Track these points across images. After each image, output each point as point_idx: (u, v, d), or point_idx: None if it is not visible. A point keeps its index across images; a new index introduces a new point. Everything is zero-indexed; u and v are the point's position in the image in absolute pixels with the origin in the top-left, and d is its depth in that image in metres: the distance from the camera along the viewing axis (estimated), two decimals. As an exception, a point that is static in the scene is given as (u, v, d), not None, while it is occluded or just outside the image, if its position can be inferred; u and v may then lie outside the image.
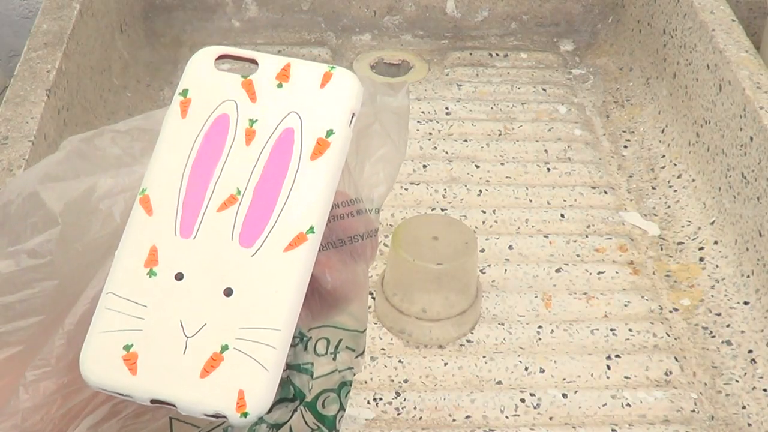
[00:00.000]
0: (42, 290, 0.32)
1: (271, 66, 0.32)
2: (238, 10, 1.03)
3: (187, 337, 0.29)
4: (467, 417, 0.64)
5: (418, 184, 0.83)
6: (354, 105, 0.31)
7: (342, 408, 0.35)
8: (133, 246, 0.30)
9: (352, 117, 0.31)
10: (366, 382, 0.66)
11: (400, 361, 0.67)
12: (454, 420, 0.63)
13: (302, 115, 0.31)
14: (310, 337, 0.32)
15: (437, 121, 0.92)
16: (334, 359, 0.34)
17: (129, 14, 0.97)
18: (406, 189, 0.83)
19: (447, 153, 0.88)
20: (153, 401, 0.29)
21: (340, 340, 0.33)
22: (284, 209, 0.30)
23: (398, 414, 0.64)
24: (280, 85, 0.32)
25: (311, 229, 0.30)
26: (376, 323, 0.70)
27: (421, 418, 0.63)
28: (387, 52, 1.03)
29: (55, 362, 0.30)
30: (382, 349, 0.68)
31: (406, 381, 0.66)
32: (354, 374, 0.35)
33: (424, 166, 0.86)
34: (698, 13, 0.86)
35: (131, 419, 0.31)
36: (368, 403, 0.64)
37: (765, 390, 0.66)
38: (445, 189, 0.83)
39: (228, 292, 0.29)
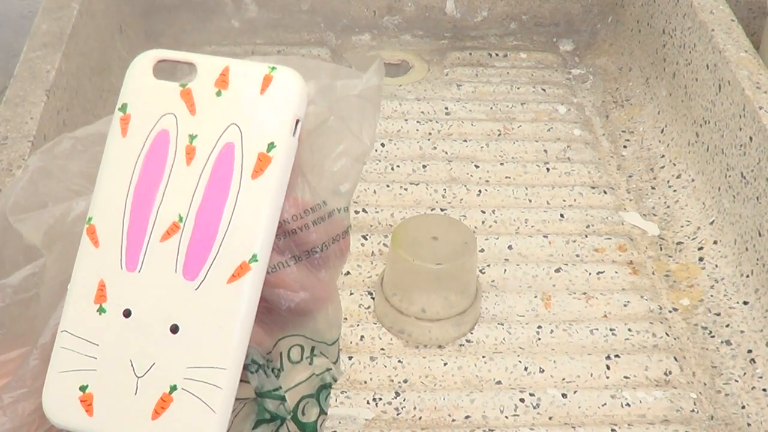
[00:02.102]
0: (27, 321, 0.32)
1: (210, 71, 0.31)
2: (237, 11, 1.03)
3: (138, 377, 0.29)
4: (467, 417, 0.64)
5: (417, 184, 0.83)
6: (297, 110, 0.30)
7: (323, 412, 0.35)
8: (83, 280, 0.31)
9: (297, 124, 0.30)
10: (366, 382, 0.66)
11: (399, 361, 0.67)
12: (453, 420, 0.63)
13: (242, 128, 0.30)
14: (269, 362, 0.32)
15: (437, 121, 0.92)
16: (311, 363, 0.33)
17: (129, 14, 0.97)
18: (405, 189, 0.83)
19: (446, 153, 0.88)
20: None
21: (314, 347, 0.33)
22: (226, 236, 0.30)
23: (398, 414, 0.64)
24: (219, 93, 0.31)
25: (254, 258, 0.29)
26: (375, 323, 0.70)
27: (420, 418, 0.63)
28: (386, 52, 1.03)
29: (30, 383, 0.31)
30: (382, 349, 0.68)
31: (405, 381, 0.66)
32: (334, 378, 0.35)
33: (424, 166, 0.86)
34: (698, 13, 0.86)
35: None
36: (368, 403, 0.64)
37: (764, 390, 0.66)
38: (444, 189, 0.83)
39: (174, 329, 0.29)
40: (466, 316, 0.69)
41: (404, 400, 0.64)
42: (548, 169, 0.86)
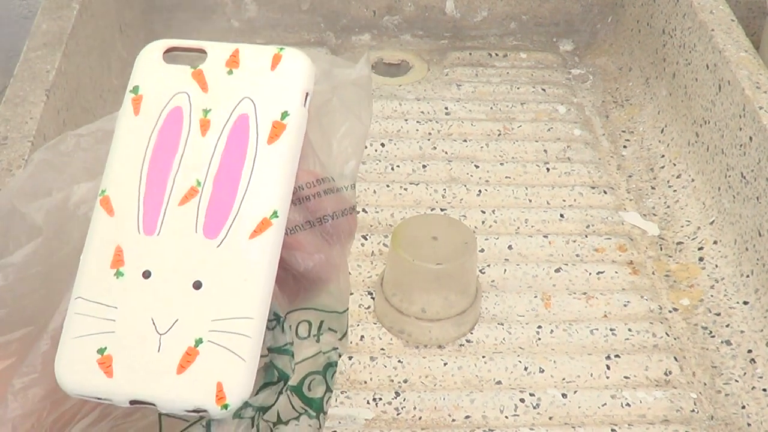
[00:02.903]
0: (31, 301, 0.32)
1: (220, 54, 0.32)
2: (237, 11, 1.03)
3: (160, 335, 0.29)
4: (467, 417, 0.64)
5: (417, 184, 0.83)
6: (307, 84, 0.31)
7: (329, 389, 0.35)
8: (98, 248, 0.30)
9: (306, 96, 0.31)
10: (366, 382, 0.66)
11: (399, 361, 0.67)
12: (453, 420, 0.63)
13: (255, 100, 0.31)
14: (285, 318, 0.32)
15: (437, 121, 0.92)
16: (318, 341, 0.33)
17: (128, 14, 0.97)
18: (405, 189, 0.83)
19: (446, 153, 0.88)
20: (132, 402, 0.28)
21: (322, 322, 0.33)
22: (246, 196, 0.30)
23: (398, 414, 0.64)
24: (230, 72, 0.31)
25: (275, 214, 0.30)
26: (375, 323, 0.70)
27: (420, 418, 0.63)
28: (386, 52, 1.03)
29: (41, 368, 0.30)
30: (382, 349, 0.68)
31: (405, 381, 0.66)
32: (339, 355, 0.35)
33: (424, 166, 0.86)
34: (697, 12, 0.86)
35: (121, 419, 0.31)
36: (368, 403, 0.64)
37: (764, 390, 0.66)
38: (444, 189, 0.83)
39: (197, 285, 0.29)
40: (466, 316, 0.69)
41: (404, 400, 0.64)
42: (548, 169, 0.86)
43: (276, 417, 0.32)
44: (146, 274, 0.30)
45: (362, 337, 0.69)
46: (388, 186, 0.83)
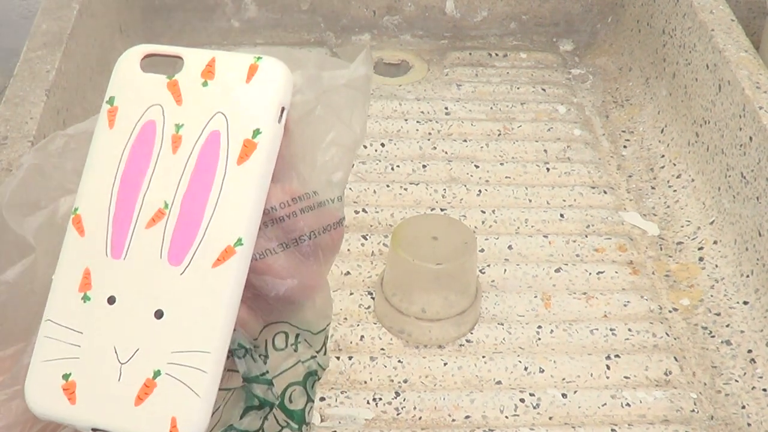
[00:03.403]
0: (23, 318, 0.32)
1: (197, 62, 0.31)
2: (237, 11, 1.03)
3: (121, 364, 0.29)
4: (467, 417, 0.64)
5: (417, 184, 0.83)
6: (282, 98, 0.31)
7: (310, 399, 0.34)
8: (68, 269, 0.31)
9: (282, 111, 0.30)
10: (366, 382, 0.66)
11: (399, 361, 0.67)
12: (453, 420, 0.63)
13: (228, 115, 0.30)
14: (256, 347, 0.32)
15: (437, 121, 0.92)
16: (296, 350, 0.33)
17: (128, 15, 0.97)
18: (405, 189, 0.83)
19: (446, 153, 0.88)
20: (93, 430, 0.29)
21: (298, 334, 0.33)
22: (212, 221, 0.30)
23: (398, 414, 0.64)
24: (205, 83, 0.31)
25: (239, 241, 0.29)
26: (375, 323, 0.70)
27: (420, 418, 0.63)
28: (386, 52, 1.03)
29: (24, 380, 0.31)
30: (382, 349, 0.68)
31: (405, 381, 0.66)
32: (319, 365, 0.35)
33: (424, 166, 0.86)
34: (697, 12, 0.86)
35: None
36: (368, 403, 0.64)
37: (764, 390, 0.66)
38: (444, 189, 0.83)
39: (159, 315, 0.29)
40: (466, 316, 0.69)
41: (404, 400, 0.64)
42: (548, 169, 0.86)
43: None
44: (111, 300, 0.30)
45: (362, 337, 0.69)
46: (388, 186, 0.83)
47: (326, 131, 0.34)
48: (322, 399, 0.64)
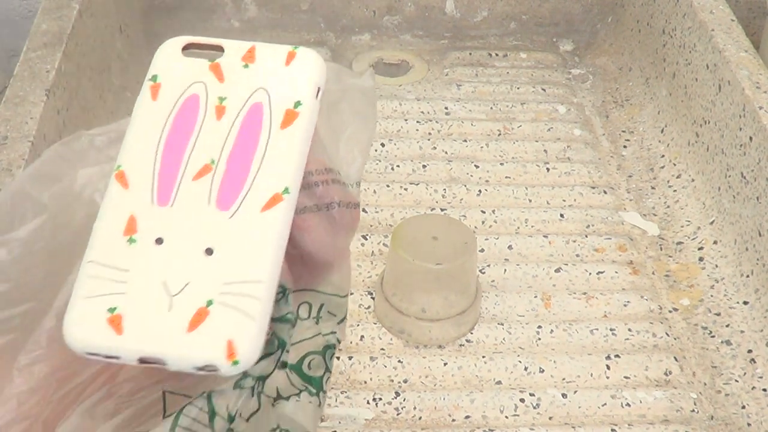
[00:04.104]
0: (34, 277, 0.32)
1: (237, 50, 0.33)
2: (237, 11, 1.03)
3: (172, 296, 0.29)
4: (467, 417, 0.64)
5: (417, 184, 0.83)
6: (319, 79, 0.33)
7: (328, 370, 0.35)
8: (111, 216, 0.31)
9: (318, 91, 0.32)
10: (365, 382, 0.66)
11: (399, 361, 0.67)
12: (453, 420, 0.63)
13: (270, 90, 0.32)
14: (292, 290, 0.32)
15: (436, 121, 0.92)
16: (317, 323, 0.34)
17: (128, 14, 0.97)
18: (405, 189, 0.83)
19: (446, 153, 0.88)
20: (141, 360, 0.28)
21: (322, 305, 0.34)
22: (258, 174, 0.31)
23: (398, 414, 0.64)
24: (246, 66, 0.33)
25: (286, 190, 0.31)
26: (375, 323, 0.70)
27: (420, 418, 0.63)
28: (386, 52, 1.03)
29: (46, 344, 0.31)
30: (382, 349, 0.68)
31: (405, 381, 0.66)
32: (338, 339, 0.35)
33: (424, 166, 0.86)
34: (697, 12, 0.86)
35: (126, 397, 0.31)
36: (368, 403, 0.64)
37: (765, 390, 0.66)
38: (444, 189, 0.83)
39: (209, 252, 0.30)
40: (466, 316, 0.69)
41: (404, 400, 0.64)
42: (548, 169, 0.86)
43: (276, 393, 0.33)
44: (159, 241, 0.30)
45: (362, 337, 0.69)
46: (388, 186, 0.83)
47: (349, 123, 0.36)
48: (322, 399, 0.64)
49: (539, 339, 0.70)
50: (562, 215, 0.81)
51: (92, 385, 0.31)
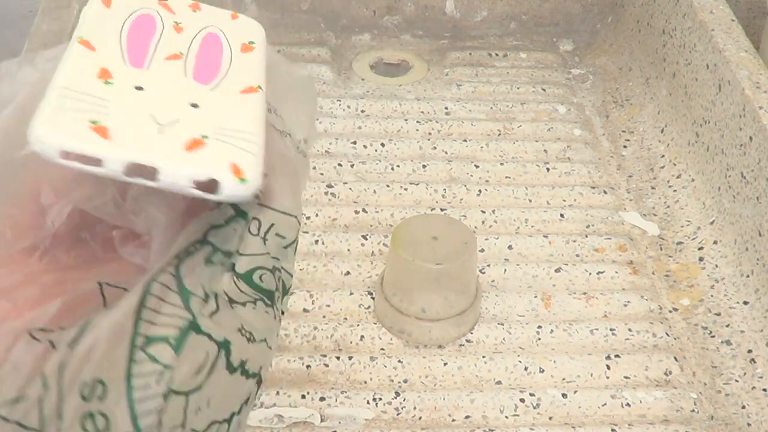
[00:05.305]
0: None
1: (183, 1, 0.33)
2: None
3: (162, 125, 0.26)
4: (467, 417, 0.64)
5: (417, 184, 0.83)
6: (263, 36, 0.33)
7: (279, 290, 0.32)
8: (78, 68, 0.27)
9: (263, 46, 0.33)
10: (366, 382, 0.66)
11: (399, 361, 0.67)
12: (453, 420, 0.63)
13: (223, 29, 0.32)
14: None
15: (436, 121, 0.92)
16: (264, 244, 0.31)
17: (128, 14, 0.97)
18: (405, 189, 0.83)
19: (446, 153, 0.88)
20: (128, 169, 0.24)
21: (272, 225, 0.31)
22: (228, 73, 0.30)
23: (398, 414, 0.64)
24: (194, 11, 0.33)
25: (260, 87, 0.30)
26: (375, 323, 0.70)
27: (420, 418, 0.63)
28: (386, 52, 1.03)
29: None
30: (382, 349, 0.68)
31: (405, 381, 0.66)
32: (286, 271, 0.32)
33: (424, 166, 0.86)
34: (698, 12, 0.86)
35: (51, 287, 0.28)
36: (368, 403, 0.64)
37: (765, 390, 0.66)
38: (444, 189, 0.83)
39: (194, 106, 0.28)
40: (466, 316, 0.69)
41: (404, 400, 0.64)
42: (548, 169, 0.86)
43: (226, 296, 0.30)
44: (139, 88, 0.27)
45: (362, 337, 0.69)
46: (388, 186, 0.83)
47: (289, 89, 0.35)
48: (322, 399, 0.64)
49: (539, 339, 0.70)
50: (562, 215, 0.81)
51: (7, 267, 0.27)
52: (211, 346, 0.26)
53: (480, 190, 0.83)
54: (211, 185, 0.25)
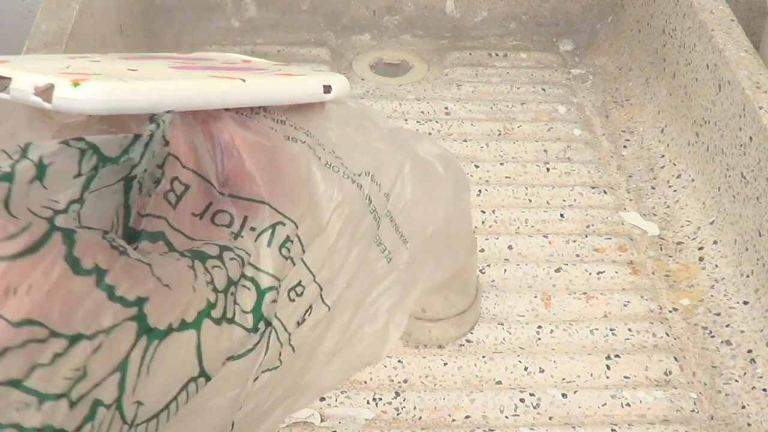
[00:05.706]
0: None
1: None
2: (237, 11, 1.03)
3: (71, 68, 0.27)
4: (467, 417, 0.64)
5: (417, 184, 0.83)
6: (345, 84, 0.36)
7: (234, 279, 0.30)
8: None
9: (330, 89, 0.35)
10: (366, 382, 0.66)
11: (399, 361, 0.67)
12: (453, 420, 0.63)
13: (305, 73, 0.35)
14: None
15: (437, 121, 0.92)
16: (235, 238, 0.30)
17: (129, 15, 0.97)
18: (405, 189, 0.83)
19: (446, 153, 0.88)
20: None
21: (245, 220, 0.30)
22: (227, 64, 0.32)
23: (398, 414, 0.64)
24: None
25: (242, 80, 0.31)
26: (375, 323, 0.70)
27: (420, 418, 0.63)
28: (386, 52, 1.03)
29: None
30: (382, 349, 0.68)
31: (405, 381, 0.66)
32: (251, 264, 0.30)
33: (424, 166, 0.86)
34: (697, 12, 0.86)
35: None
36: (368, 403, 0.64)
37: (764, 390, 0.66)
38: (444, 189, 0.83)
39: (132, 70, 0.29)
40: (466, 316, 0.69)
41: (404, 400, 0.64)
42: (548, 169, 0.86)
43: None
44: (132, 70, 0.30)
45: (362, 337, 0.69)
46: (388, 186, 0.83)
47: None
48: (322, 399, 0.64)
49: (539, 339, 0.70)
50: (562, 215, 0.81)
51: None
52: None
53: (480, 190, 0.83)
54: (47, 92, 0.25)
